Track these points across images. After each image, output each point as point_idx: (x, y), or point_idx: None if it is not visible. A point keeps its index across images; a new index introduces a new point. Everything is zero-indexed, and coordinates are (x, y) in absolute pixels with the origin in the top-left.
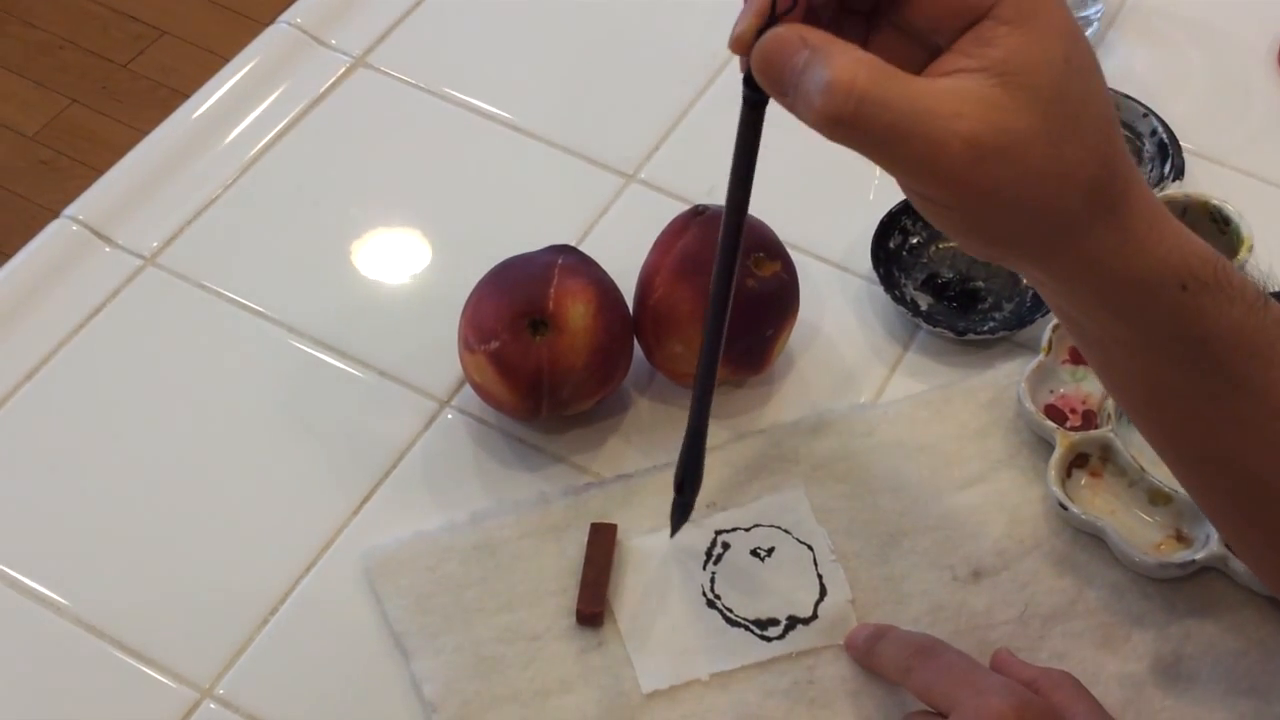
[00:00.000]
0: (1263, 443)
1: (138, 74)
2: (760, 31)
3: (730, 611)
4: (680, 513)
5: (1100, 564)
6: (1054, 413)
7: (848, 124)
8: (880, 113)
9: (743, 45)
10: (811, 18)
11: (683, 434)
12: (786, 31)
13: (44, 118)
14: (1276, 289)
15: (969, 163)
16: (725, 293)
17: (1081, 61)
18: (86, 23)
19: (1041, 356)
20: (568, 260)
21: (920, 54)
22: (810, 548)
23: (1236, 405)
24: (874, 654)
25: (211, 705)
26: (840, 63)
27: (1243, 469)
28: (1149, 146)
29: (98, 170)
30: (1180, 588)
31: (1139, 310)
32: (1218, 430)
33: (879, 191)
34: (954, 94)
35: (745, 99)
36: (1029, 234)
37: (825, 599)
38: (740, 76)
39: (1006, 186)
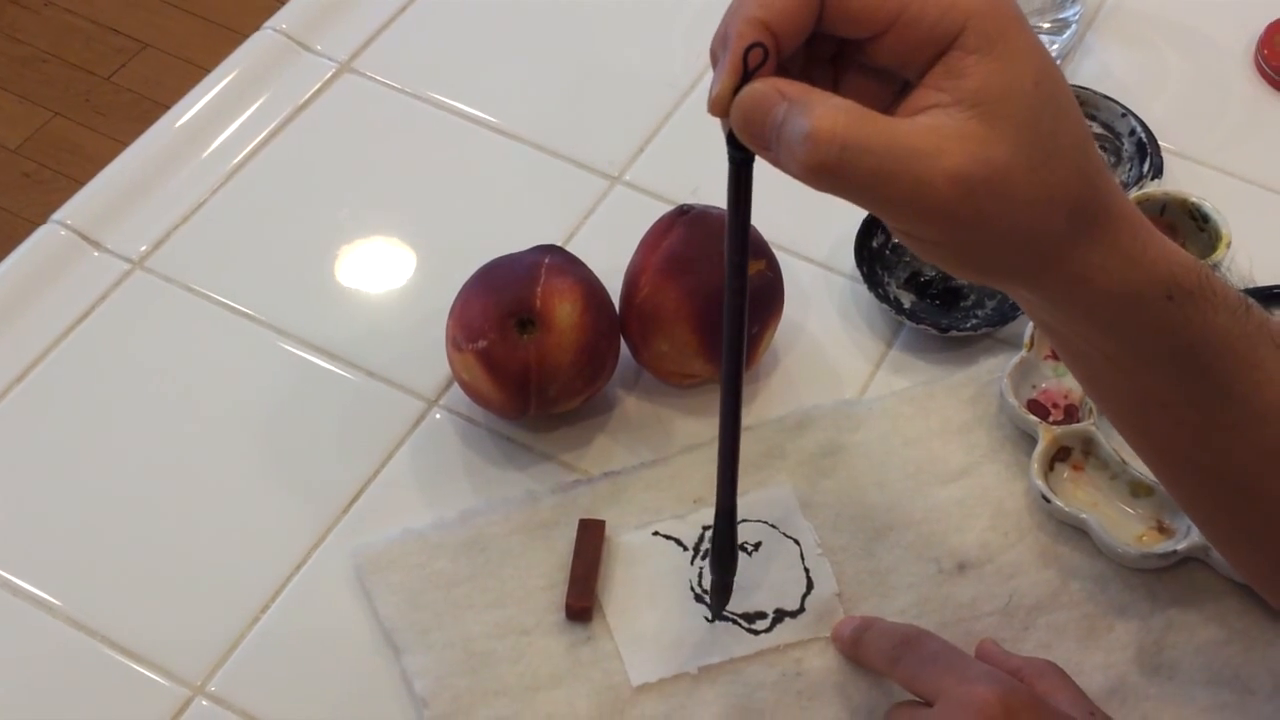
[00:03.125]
0: (1249, 447)
1: (121, 87)
2: (736, 89)
3: None
4: (720, 594)
5: (1083, 556)
6: (1036, 407)
7: (832, 172)
8: (864, 157)
9: (721, 106)
10: (781, 72)
11: (667, 433)
12: (762, 86)
13: (27, 131)
14: (1253, 286)
15: (957, 198)
16: (737, 365)
17: (1051, 83)
18: (70, 36)
19: (1024, 352)
20: (554, 260)
21: (889, 92)
22: (797, 542)
23: (1223, 411)
24: (860, 645)
25: (203, 703)
26: (819, 111)
27: (1229, 474)
28: (1128, 146)
29: (81, 183)
30: (1162, 578)
31: (1126, 322)
32: (1204, 437)
33: None
34: (934, 131)
35: (730, 159)
36: (1019, 260)
37: (812, 592)
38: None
39: (995, 217)
